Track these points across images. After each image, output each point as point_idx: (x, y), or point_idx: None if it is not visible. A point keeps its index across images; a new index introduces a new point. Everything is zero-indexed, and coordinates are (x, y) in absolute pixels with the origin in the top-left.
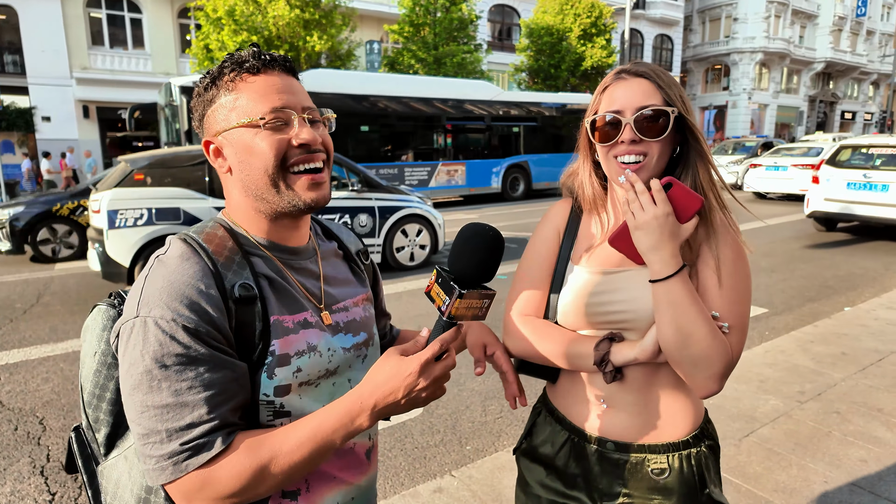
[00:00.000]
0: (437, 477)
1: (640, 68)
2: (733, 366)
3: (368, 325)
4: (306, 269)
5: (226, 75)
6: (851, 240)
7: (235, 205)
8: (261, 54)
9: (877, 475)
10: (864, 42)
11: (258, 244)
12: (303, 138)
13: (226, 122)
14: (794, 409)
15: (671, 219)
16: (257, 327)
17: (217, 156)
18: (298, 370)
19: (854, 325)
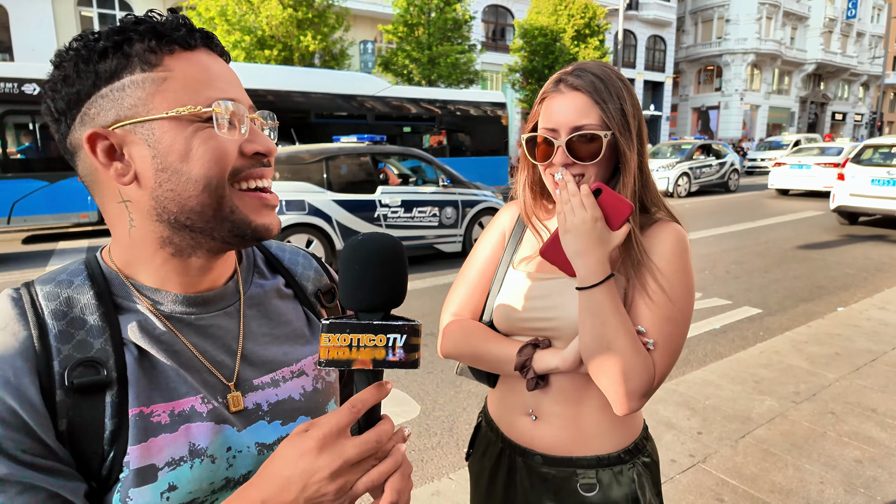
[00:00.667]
0: (435, 480)
1: (577, 80)
2: (654, 386)
3: (315, 404)
4: (216, 326)
5: (138, 42)
6: (844, 240)
7: (126, 232)
8: (191, 24)
9: (872, 475)
10: (855, 44)
11: (139, 294)
12: (260, 146)
13: (138, 108)
14: (790, 409)
15: (600, 224)
16: (107, 427)
17: (110, 157)
18: (172, 488)
19: (847, 325)
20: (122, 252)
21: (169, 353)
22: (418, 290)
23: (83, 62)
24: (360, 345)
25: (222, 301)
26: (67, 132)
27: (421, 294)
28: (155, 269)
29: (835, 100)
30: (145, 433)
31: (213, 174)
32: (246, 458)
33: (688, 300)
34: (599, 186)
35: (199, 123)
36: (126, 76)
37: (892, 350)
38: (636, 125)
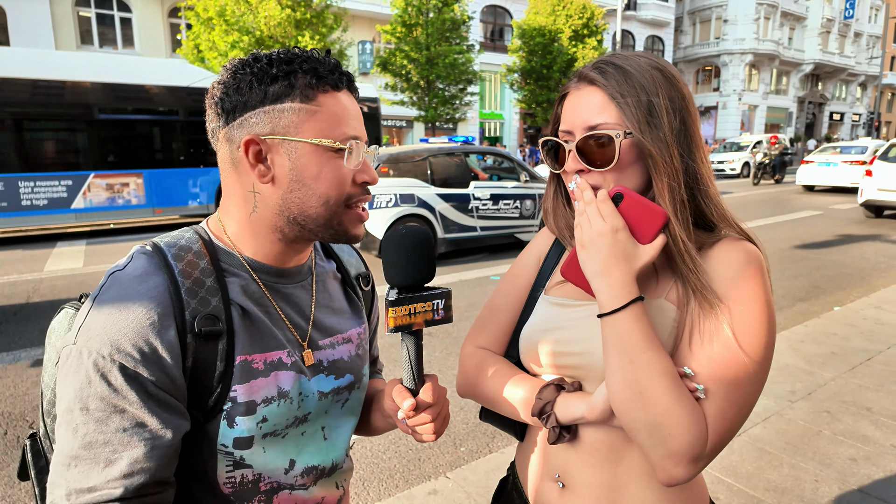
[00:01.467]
0: (432, 478)
1: (594, 73)
2: (707, 448)
3: (357, 366)
4: (295, 295)
5: (303, 80)
6: (840, 240)
7: (247, 214)
8: (341, 68)
9: (866, 474)
10: (852, 44)
11: (243, 264)
12: (368, 177)
13: (291, 129)
14: (785, 408)
15: (622, 236)
16: (218, 368)
17: (258, 160)
18: (264, 420)
19: (843, 324)
20: (235, 227)
21: (264, 312)
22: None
23: (258, 81)
24: (416, 311)
25: (300, 275)
26: (224, 126)
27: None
28: (260, 246)
29: (832, 100)
30: (248, 376)
31: (333, 195)
32: (311, 402)
33: (761, 338)
34: (620, 191)
35: (332, 153)
36: (287, 102)
37: (887, 349)
38: (674, 122)
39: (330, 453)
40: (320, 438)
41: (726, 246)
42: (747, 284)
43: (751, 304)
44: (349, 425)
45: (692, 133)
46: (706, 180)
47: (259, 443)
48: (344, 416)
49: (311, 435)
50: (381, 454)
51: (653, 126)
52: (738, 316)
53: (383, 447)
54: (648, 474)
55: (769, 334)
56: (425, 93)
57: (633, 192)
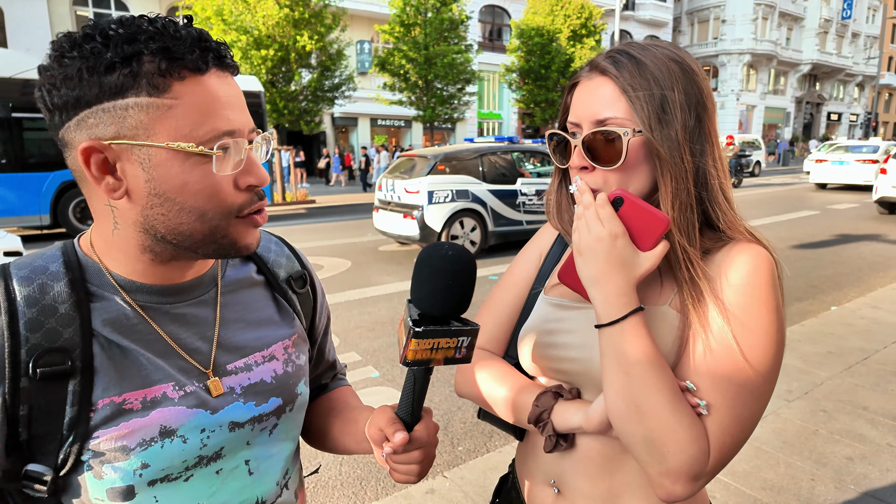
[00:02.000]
0: (430, 478)
1: (604, 63)
2: (708, 466)
3: (286, 386)
4: (191, 314)
5: (148, 61)
6: (838, 240)
7: (109, 232)
8: (206, 41)
9: (862, 473)
10: (850, 44)
11: (114, 285)
12: (253, 179)
13: (141, 131)
14: (782, 407)
15: (620, 243)
16: (68, 413)
17: (103, 171)
18: (144, 466)
19: (840, 324)
20: (102, 245)
21: (142, 342)
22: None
23: (88, 71)
24: (439, 347)
25: (198, 290)
26: (61, 127)
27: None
28: (133, 267)
29: (830, 100)
30: (116, 418)
31: (209, 208)
32: (220, 437)
33: (768, 350)
34: (621, 195)
35: (198, 157)
36: (131, 96)
37: (884, 348)
38: (689, 119)
39: (255, 490)
40: (244, 474)
41: (735, 250)
42: (755, 292)
43: (758, 314)
44: (283, 454)
45: (708, 131)
46: (719, 181)
47: (145, 491)
48: (274, 445)
49: (229, 472)
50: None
51: (664, 123)
52: (743, 326)
53: None
54: (644, 486)
55: (777, 346)
56: (423, 92)
57: (634, 197)
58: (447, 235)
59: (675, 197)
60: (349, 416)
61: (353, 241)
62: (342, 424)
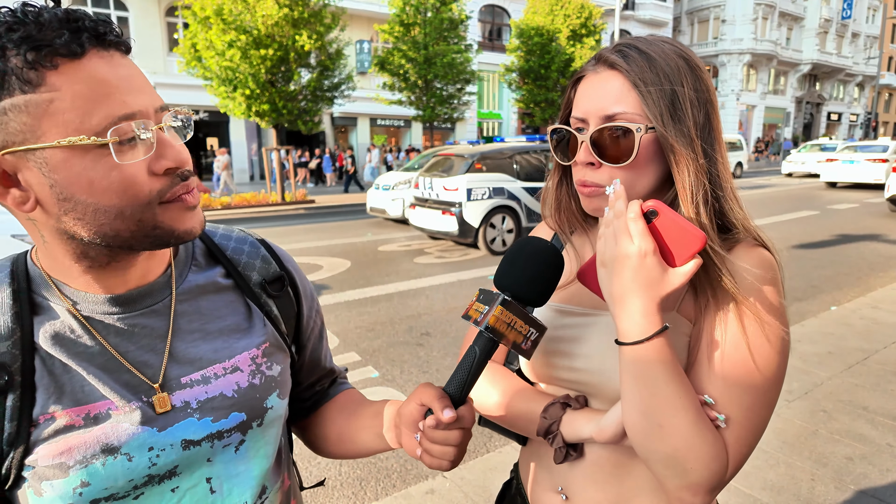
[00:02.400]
0: (429, 478)
1: (616, 57)
2: (727, 477)
3: (251, 400)
4: (140, 325)
5: (13, 55)
6: (838, 240)
7: (40, 245)
8: (77, 21)
9: (862, 473)
10: (850, 44)
11: (62, 295)
12: (170, 161)
13: (26, 135)
14: (782, 407)
15: (651, 260)
16: (6, 429)
17: (6, 184)
18: (84, 484)
19: (840, 324)
20: (42, 255)
21: (85, 356)
22: (413, 290)
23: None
24: (514, 327)
25: (149, 298)
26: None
27: (416, 294)
28: (76, 276)
29: (830, 100)
30: (55, 434)
31: (126, 203)
32: (170, 455)
33: (778, 356)
34: (655, 207)
35: (98, 150)
36: (6, 98)
37: (883, 349)
38: (698, 116)
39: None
40: (205, 493)
41: (742, 253)
42: (763, 296)
43: (769, 321)
44: (254, 472)
45: (715, 129)
46: (724, 177)
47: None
48: (241, 462)
49: (188, 491)
50: (380, 455)
51: (676, 119)
52: (757, 335)
53: None
54: (655, 490)
55: (785, 352)
56: (423, 92)
57: (670, 210)
58: (484, 231)
59: (694, 194)
60: (366, 411)
61: (353, 241)
62: (358, 421)
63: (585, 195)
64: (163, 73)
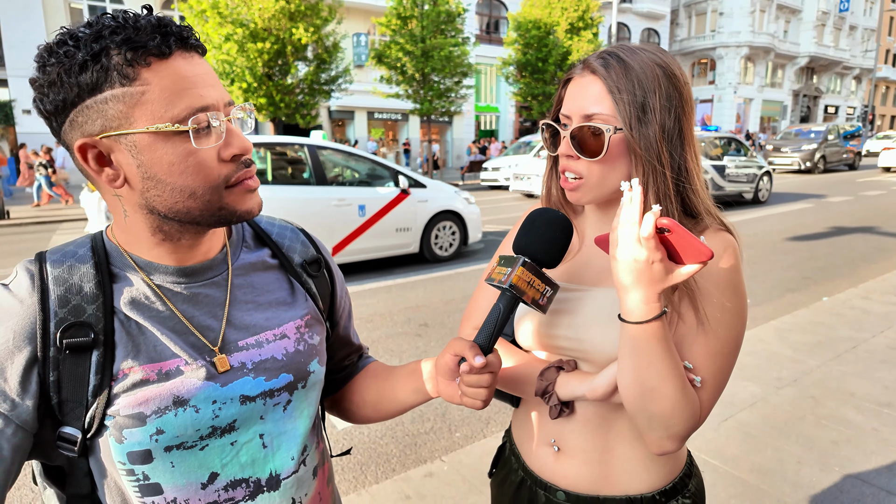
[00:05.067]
0: (428, 462)
1: (598, 63)
2: (698, 426)
3: (297, 363)
4: (203, 294)
5: (115, 53)
6: (832, 232)
7: (122, 221)
8: (166, 27)
9: (847, 456)
10: (847, 37)
11: (135, 267)
12: (236, 149)
13: (120, 121)
14: (772, 394)
15: (658, 266)
16: (91, 382)
17: (101, 164)
18: (159, 432)
19: (831, 314)
20: (120, 232)
21: (158, 319)
22: (411, 282)
23: (65, 73)
24: (533, 285)
25: (210, 272)
26: (60, 131)
27: (414, 286)
28: (149, 249)
29: (827, 93)
30: (133, 387)
31: (198, 185)
32: (231, 409)
33: (740, 328)
34: (668, 226)
35: (178, 136)
36: (107, 90)
37: (872, 337)
38: (667, 121)
39: (269, 463)
40: (258, 447)
41: (708, 235)
42: (729, 278)
43: (733, 296)
44: (298, 430)
45: (685, 132)
46: (694, 175)
47: (162, 457)
48: (288, 420)
49: (244, 445)
50: (379, 440)
51: (643, 124)
52: (724, 310)
53: (380, 433)
54: (635, 437)
55: (744, 322)
56: (420, 86)
57: (681, 227)
58: None
59: (647, 187)
60: (401, 371)
61: None
62: (396, 382)
63: (569, 189)
64: None
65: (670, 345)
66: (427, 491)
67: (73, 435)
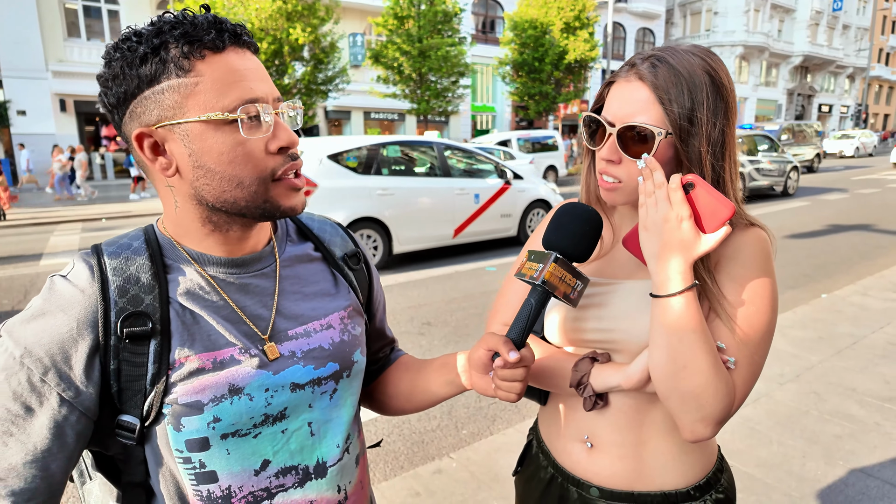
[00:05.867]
0: (436, 459)
1: (644, 68)
2: (733, 410)
3: (343, 353)
4: (253, 285)
5: (173, 47)
6: (830, 229)
7: (172, 212)
8: (221, 24)
9: (850, 450)
10: (840, 36)
11: (188, 258)
12: (283, 141)
13: (177, 111)
14: (775, 390)
15: (686, 225)
16: (149, 370)
17: (155, 153)
18: (217, 420)
19: (830, 310)
20: (171, 224)
21: (212, 308)
22: (412, 281)
23: (127, 65)
24: (565, 280)
25: (259, 263)
26: (121, 124)
27: (416, 285)
28: (200, 239)
29: (821, 92)
30: (190, 376)
31: (245, 174)
32: (281, 396)
33: (772, 314)
34: (692, 180)
35: (226, 126)
36: (164, 81)
37: (871, 333)
38: (713, 132)
39: (316, 451)
40: (306, 435)
41: (742, 232)
42: (761, 267)
43: (763, 285)
44: (343, 419)
45: (728, 142)
46: (729, 184)
47: (219, 444)
48: (334, 409)
49: (294, 433)
50: (387, 437)
51: (692, 134)
52: (756, 296)
53: (388, 430)
54: (669, 430)
55: (775, 310)
56: (417, 85)
57: (705, 183)
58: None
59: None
60: (433, 364)
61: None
62: (429, 374)
63: (606, 189)
64: None
65: (702, 320)
66: (436, 487)
67: (131, 423)
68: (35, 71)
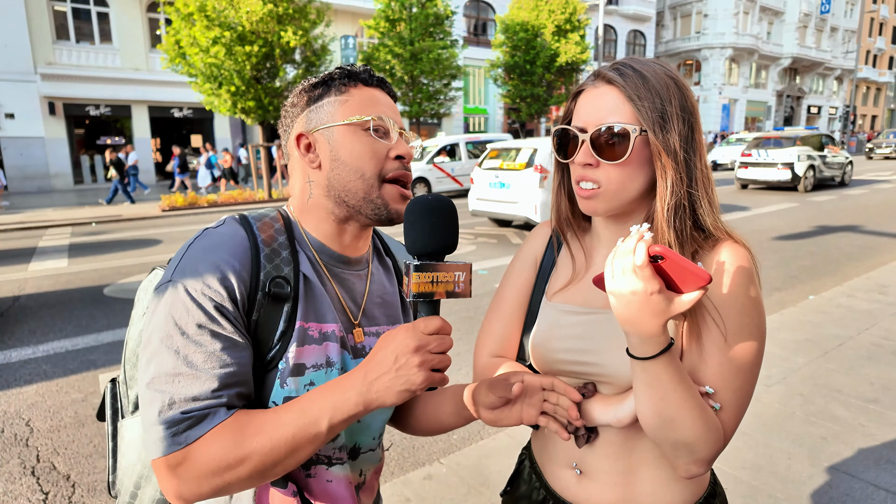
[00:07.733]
0: (427, 465)
1: (611, 73)
2: (724, 447)
3: None
4: (351, 281)
5: (338, 80)
6: (817, 231)
7: (305, 201)
8: (372, 71)
9: (835, 451)
10: (829, 38)
11: (309, 243)
12: (401, 150)
13: (329, 117)
14: (761, 392)
15: (657, 298)
16: (280, 327)
17: (308, 150)
18: (311, 384)
19: (817, 312)
20: (300, 214)
21: (325, 289)
22: None
23: (305, 91)
24: (439, 281)
25: (359, 265)
26: (287, 138)
27: None
28: (321, 231)
29: (810, 93)
30: (302, 341)
31: (366, 168)
32: None
33: (758, 342)
34: (661, 253)
35: (362, 130)
36: (326, 98)
37: (857, 335)
38: (683, 129)
39: (357, 436)
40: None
41: (721, 250)
42: (743, 291)
43: (749, 311)
44: (381, 416)
45: (697, 142)
46: (706, 186)
47: None
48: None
49: None
50: None
51: (665, 130)
52: (740, 325)
53: None
54: (659, 459)
55: (763, 336)
56: (409, 88)
57: (674, 253)
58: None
59: (671, 196)
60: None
61: None
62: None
63: (584, 197)
64: (145, 69)
65: (683, 375)
66: (427, 493)
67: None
68: (23, 73)
